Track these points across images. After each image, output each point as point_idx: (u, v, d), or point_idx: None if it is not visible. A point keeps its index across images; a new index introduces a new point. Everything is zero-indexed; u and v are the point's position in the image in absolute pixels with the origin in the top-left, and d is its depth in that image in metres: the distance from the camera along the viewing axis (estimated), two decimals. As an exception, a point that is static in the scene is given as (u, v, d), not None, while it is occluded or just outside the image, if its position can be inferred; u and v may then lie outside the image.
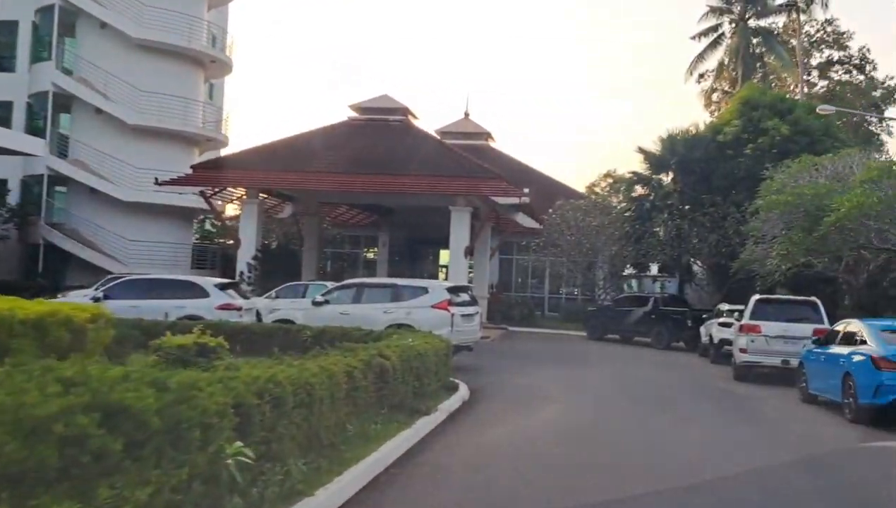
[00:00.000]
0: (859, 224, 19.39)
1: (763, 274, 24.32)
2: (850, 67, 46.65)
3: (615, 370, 18.73)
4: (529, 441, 9.36)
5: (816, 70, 46.90)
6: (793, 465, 8.71)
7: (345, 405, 7.75)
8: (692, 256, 31.39)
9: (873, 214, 18.72)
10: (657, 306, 26.20)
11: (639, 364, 20.67)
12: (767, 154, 29.40)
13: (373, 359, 8.93)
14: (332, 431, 7.28)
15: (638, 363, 20.91)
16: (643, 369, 19.31)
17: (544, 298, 38.75)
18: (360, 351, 9.22)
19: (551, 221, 32.87)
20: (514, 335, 28.13)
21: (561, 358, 20.80)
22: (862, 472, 8.73)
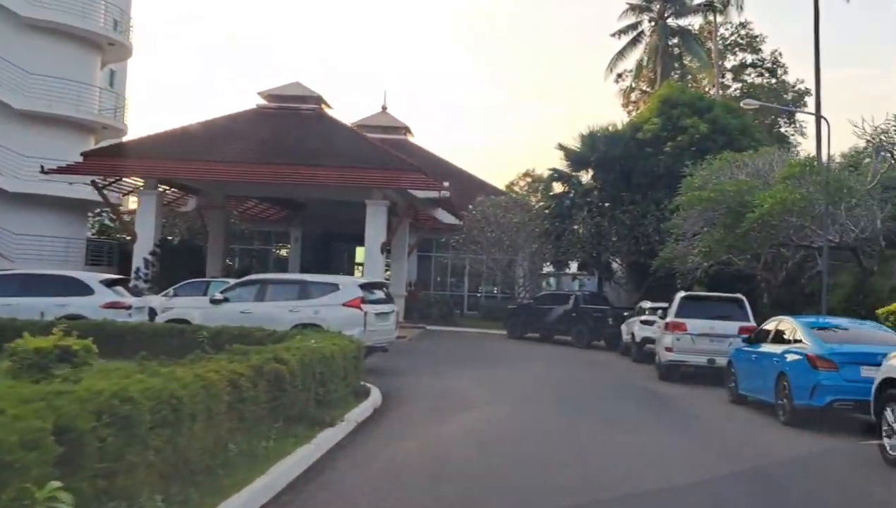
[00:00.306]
0: (781, 221, 19.17)
1: (683, 272, 24.05)
2: (763, 71, 47.63)
3: (537, 370, 17.89)
4: (446, 455, 8.27)
5: (731, 73, 47.68)
6: (734, 477, 7.92)
7: (227, 420, 6.49)
8: (612, 254, 31.07)
9: (795, 211, 18.48)
10: (578, 304, 25.63)
11: (561, 363, 19.94)
12: (686, 152, 29.30)
13: (266, 364, 7.68)
14: (209, 453, 6.01)
15: (560, 362, 20.18)
16: (565, 369, 18.55)
17: (464, 296, 37.90)
18: (253, 355, 7.96)
19: (471, 218, 32.01)
20: (433, 334, 27.10)
21: (481, 359, 19.86)
22: (809, 484, 8.01)
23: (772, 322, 12.74)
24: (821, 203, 18.41)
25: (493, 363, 18.85)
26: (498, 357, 20.71)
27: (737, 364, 13.25)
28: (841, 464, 8.77)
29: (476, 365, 18.08)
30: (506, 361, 19.51)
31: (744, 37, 47.56)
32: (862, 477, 8.16)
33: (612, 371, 18.82)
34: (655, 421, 11.25)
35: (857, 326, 12.27)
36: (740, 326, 15.63)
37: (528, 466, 7.98)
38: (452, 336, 26.93)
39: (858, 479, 8.12)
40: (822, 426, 10.59)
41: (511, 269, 32.95)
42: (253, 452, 6.75)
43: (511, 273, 32.98)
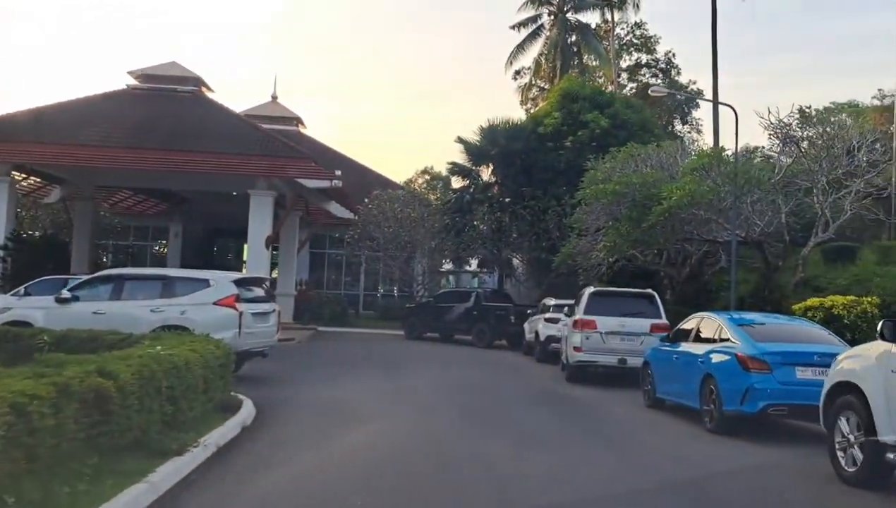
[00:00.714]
0: (688, 214, 18.36)
1: (586, 268, 23.11)
2: (657, 71, 47.97)
3: (437, 374, 16.36)
4: (327, 489, 6.56)
5: (626, 72, 47.75)
6: (669, 498, 6.58)
7: (4, 461, 4.57)
8: (513, 251, 29.97)
9: (704, 203, 17.69)
10: (479, 302, 24.29)
11: (462, 365, 18.48)
12: (587, 147, 28.57)
13: (81, 381, 5.75)
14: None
15: (461, 364, 18.71)
16: (468, 371, 17.08)
17: (359, 296, 36.04)
18: (70, 368, 6.01)
19: (367, 212, 30.23)
20: (325, 336, 25.18)
21: (375, 362, 18.16)
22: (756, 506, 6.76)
23: (693, 319, 11.62)
24: (729, 195, 17.68)
25: (389, 367, 17.20)
26: (395, 359, 19.07)
27: (654, 365, 12.09)
28: (787, 480, 7.57)
29: (370, 370, 16.38)
30: (403, 364, 17.89)
31: (639, 37, 47.83)
32: (816, 495, 6.98)
33: (517, 372, 17.50)
34: (572, 433, 9.86)
35: (787, 323, 11.30)
36: (652, 323, 14.60)
37: (430, 500, 6.38)
38: (346, 337, 25.09)
39: (813, 498, 6.94)
40: (754, 434, 9.48)
41: (409, 267, 31.36)
42: (47, 503, 4.84)
43: (409, 270, 31.39)
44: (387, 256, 31.06)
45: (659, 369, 11.87)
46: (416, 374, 16.01)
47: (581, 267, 23.29)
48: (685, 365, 10.84)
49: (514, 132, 30.90)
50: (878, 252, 22.62)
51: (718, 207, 18.14)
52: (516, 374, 17.15)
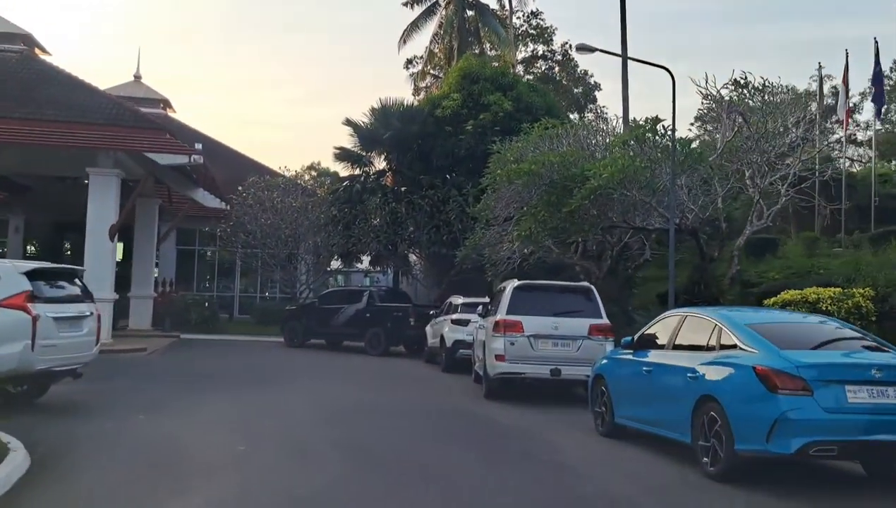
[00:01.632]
0: (620, 195, 15.51)
1: (496, 263, 20.01)
2: (553, 63, 45.90)
3: (319, 393, 12.75)
4: None
5: (522, 64, 45.34)
6: None
7: None
8: (409, 245, 26.49)
9: (642, 181, 14.86)
10: (372, 302, 20.72)
11: (352, 379, 14.91)
12: (490, 131, 25.52)
13: None
14: None
15: (351, 378, 15.15)
16: (359, 389, 13.50)
17: (235, 298, 31.65)
18: None
19: (241, 202, 26.07)
20: (189, 345, 20.98)
21: (245, 377, 14.34)
22: None
23: (668, 318, 8.49)
24: (665, 173, 14.94)
25: (259, 384, 13.43)
26: (269, 374, 15.29)
27: (611, 380, 8.93)
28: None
29: (236, 389, 12.58)
30: (276, 380, 14.15)
31: (535, 27, 45.63)
32: None
33: (422, 388, 14.06)
34: (518, 492, 6.52)
35: (805, 321, 8.28)
36: (592, 324, 11.54)
37: None
38: (214, 346, 20.95)
39: None
40: (782, 481, 6.45)
41: (292, 264, 27.32)
42: None
43: (291, 269, 27.35)
44: (265, 253, 26.93)
45: (620, 385, 8.72)
46: (292, 394, 12.33)
47: (489, 261, 20.18)
48: (664, 383, 7.73)
49: (410, 114, 27.50)
50: (805, 244, 20.65)
51: (653, 188, 15.37)
52: (421, 390, 13.73)
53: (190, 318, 24.32)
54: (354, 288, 23.67)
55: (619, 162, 14.64)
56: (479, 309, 14.06)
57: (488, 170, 20.65)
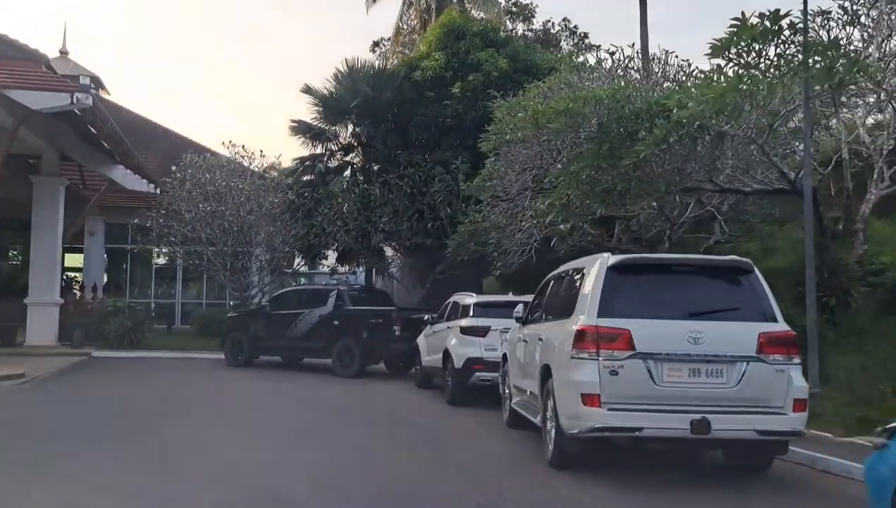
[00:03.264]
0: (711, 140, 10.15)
1: (505, 251, 14.55)
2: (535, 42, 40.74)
3: (259, 457, 7.09)
4: None
5: (502, 45, 40.11)
6: None
7: None
8: (386, 236, 20.80)
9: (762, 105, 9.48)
10: (342, 305, 15.08)
11: (309, 424, 9.24)
12: (482, 95, 20.11)
13: None
14: None
15: (307, 421, 9.49)
16: (318, 448, 7.84)
17: (175, 304, 25.67)
18: None
19: (177, 186, 20.20)
20: (98, 365, 15.26)
21: (147, 424, 8.66)
22: None
23: None
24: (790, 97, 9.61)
25: (175, 434, 7.78)
26: (192, 413, 9.62)
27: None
28: None
29: (121, 450, 6.95)
30: (200, 426, 8.49)
31: (516, 4, 40.47)
32: None
33: (424, 443, 8.44)
34: None
35: None
36: (762, 332, 6.06)
37: None
38: (131, 367, 15.16)
39: None
40: None
41: (240, 263, 21.41)
42: None
43: (239, 267, 21.40)
44: (209, 247, 20.93)
45: None
46: (216, 459, 6.67)
47: (497, 249, 14.74)
48: None
49: (383, 78, 21.92)
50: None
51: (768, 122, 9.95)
52: (423, 448, 8.13)
53: (109, 331, 18.36)
54: (317, 286, 17.88)
55: (720, 89, 9.23)
56: (519, 311, 8.54)
57: (488, 133, 15.33)
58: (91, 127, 13.96)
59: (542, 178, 13.48)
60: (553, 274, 8.03)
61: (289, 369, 15.70)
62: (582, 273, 6.77)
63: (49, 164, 16.94)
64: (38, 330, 17.02)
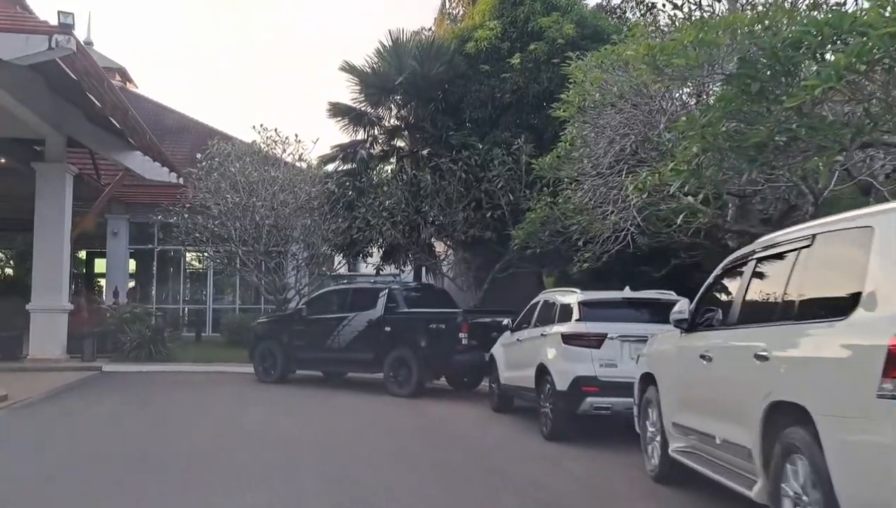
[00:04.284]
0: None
1: (593, 238, 11.50)
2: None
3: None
4: None
5: None
6: None
7: None
8: (438, 230, 17.79)
9: None
10: (395, 308, 12.11)
11: (372, 487, 6.26)
12: (545, 66, 17.14)
13: None
14: None
15: (369, 477, 6.51)
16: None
17: (207, 310, 23.03)
18: None
19: (203, 176, 17.51)
20: (106, 383, 12.55)
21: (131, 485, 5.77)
22: None
23: None
24: None
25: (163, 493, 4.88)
26: (190, 461, 6.72)
27: None
28: None
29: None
30: (203, 484, 5.59)
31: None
32: None
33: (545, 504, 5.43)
34: None
35: None
36: None
37: None
38: (142, 385, 12.43)
39: None
40: None
41: (275, 262, 18.57)
42: None
43: (271, 265, 18.55)
44: (240, 246, 18.13)
45: None
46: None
47: (583, 236, 11.69)
48: None
49: (431, 51, 18.93)
50: None
51: None
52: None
53: (125, 341, 15.69)
54: (363, 285, 14.91)
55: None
56: (683, 310, 5.45)
57: (562, 101, 12.35)
58: (90, 95, 11.28)
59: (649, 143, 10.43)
60: (765, 245, 4.95)
61: (331, 386, 12.83)
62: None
63: (54, 150, 14.38)
64: (43, 340, 14.44)
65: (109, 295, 20.00)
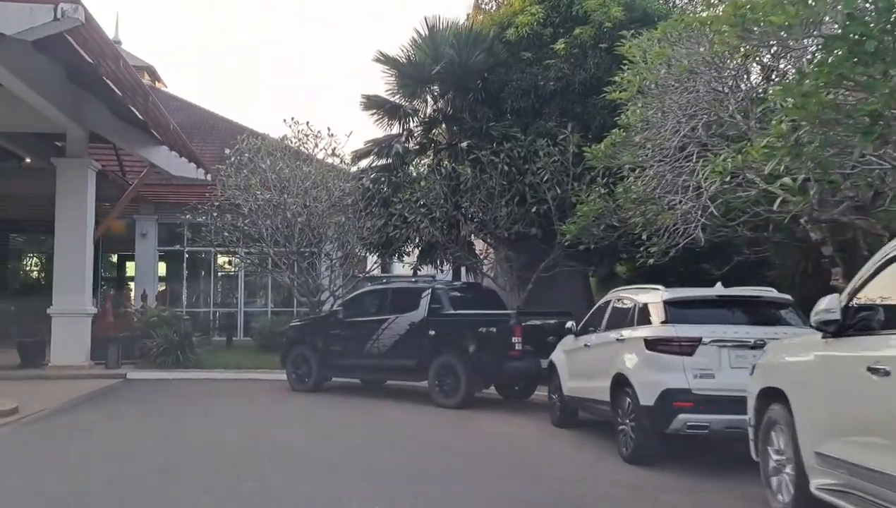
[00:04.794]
0: None
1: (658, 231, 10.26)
2: None
3: None
4: None
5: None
6: None
7: None
8: (479, 227, 16.62)
9: None
10: (439, 309, 10.95)
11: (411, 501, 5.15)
12: (591, 52, 15.93)
13: None
14: None
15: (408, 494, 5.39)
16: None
17: (238, 313, 22.12)
18: None
19: (232, 173, 16.56)
20: (130, 391, 11.59)
21: None
22: None
23: None
24: None
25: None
26: (213, 493, 5.63)
27: None
28: None
29: None
30: None
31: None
32: None
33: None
34: None
35: None
36: None
37: None
38: (167, 394, 11.46)
39: None
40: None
41: (307, 261, 17.54)
42: None
43: (308, 267, 17.53)
44: (272, 246, 17.10)
45: None
46: None
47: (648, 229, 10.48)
48: None
49: (469, 39, 17.78)
50: None
51: None
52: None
53: (150, 346, 14.76)
54: (404, 284, 13.72)
55: None
56: (829, 309, 4.22)
57: (615, 84, 11.23)
58: (107, 79, 10.34)
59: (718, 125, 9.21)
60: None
61: (370, 395, 11.73)
62: None
63: (75, 144, 13.52)
64: (65, 346, 13.56)
65: (138, 298, 19.20)
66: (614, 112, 15.34)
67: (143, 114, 11.86)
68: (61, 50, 10.15)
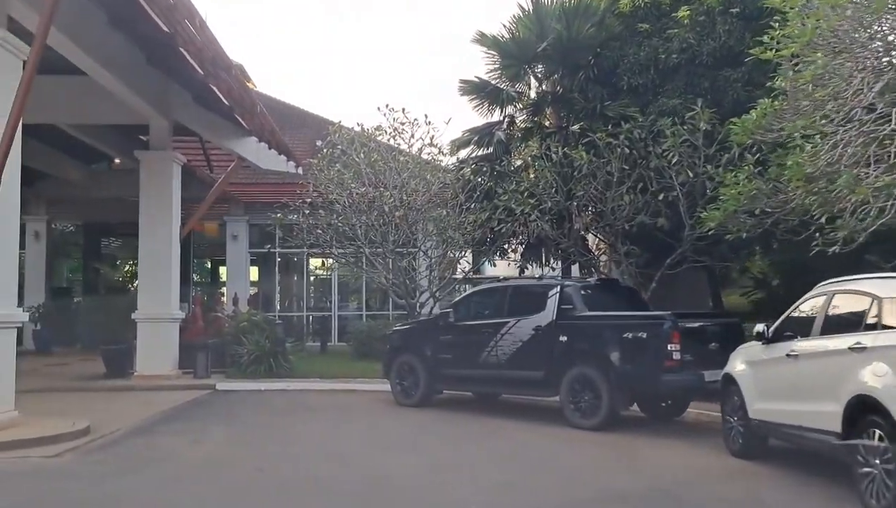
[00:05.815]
0: None
1: (845, 209, 8.10)
2: None
3: None
4: None
5: None
6: None
7: None
8: (596, 218, 14.59)
9: None
10: (571, 310, 9.04)
11: None
12: (721, 17, 13.80)
13: None
14: None
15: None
16: None
17: (332, 317, 20.85)
18: None
19: (324, 167, 15.21)
20: (218, 405, 10.26)
21: None
22: None
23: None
24: None
25: None
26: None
27: None
28: None
29: None
30: None
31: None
32: None
33: None
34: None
35: None
36: None
37: None
38: (258, 409, 10.06)
39: None
40: None
41: (405, 260, 15.98)
42: None
43: (405, 267, 15.95)
44: (366, 244, 15.56)
45: None
46: None
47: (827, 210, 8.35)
48: None
49: (579, 12, 15.89)
50: None
51: None
52: None
53: (241, 353, 13.51)
54: (527, 281, 11.71)
55: None
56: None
57: (764, 45, 9.11)
58: (184, 51, 9.04)
59: None
60: None
61: (488, 411, 9.97)
62: None
63: (158, 135, 12.45)
64: (151, 354, 12.46)
65: (229, 303, 18.21)
66: (749, 84, 13.16)
67: (227, 96, 10.59)
68: (136, 25, 8.94)
